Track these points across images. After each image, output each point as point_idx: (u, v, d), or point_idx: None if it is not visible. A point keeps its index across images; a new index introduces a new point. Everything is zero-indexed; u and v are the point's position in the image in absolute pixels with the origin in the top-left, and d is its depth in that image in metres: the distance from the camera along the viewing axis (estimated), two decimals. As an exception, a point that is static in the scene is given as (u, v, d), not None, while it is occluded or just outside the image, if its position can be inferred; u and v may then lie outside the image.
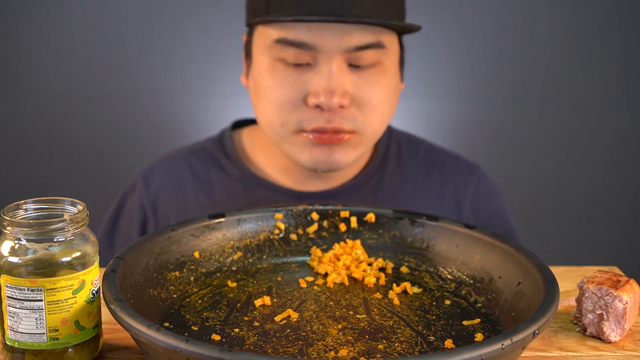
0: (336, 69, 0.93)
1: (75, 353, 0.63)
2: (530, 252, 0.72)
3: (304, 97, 0.95)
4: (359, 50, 0.93)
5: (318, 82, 0.94)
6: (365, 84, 0.95)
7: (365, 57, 0.94)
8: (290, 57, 0.94)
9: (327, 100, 0.93)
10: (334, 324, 0.69)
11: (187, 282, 0.76)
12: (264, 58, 0.97)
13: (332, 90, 0.93)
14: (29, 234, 0.61)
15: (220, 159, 1.09)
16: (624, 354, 0.68)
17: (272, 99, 0.96)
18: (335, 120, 0.94)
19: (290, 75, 0.95)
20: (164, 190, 1.08)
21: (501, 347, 0.54)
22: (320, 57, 0.94)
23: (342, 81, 0.94)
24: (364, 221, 0.85)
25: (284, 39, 0.93)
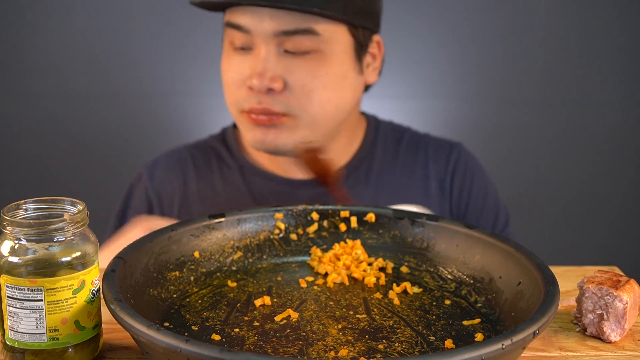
0: (266, 52, 0.99)
1: (75, 353, 0.63)
2: (531, 252, 0.72)
3: (244, 80, 1.02)
4: (289, 35, 0.99)
5: (251, 65, 1.00)
6: (299, 69, 1.00)
7: (297, 43, 0.99)
8: (237, 40, 1.01)
9: (257, 82, 0.99)
10: (334, 324, 0.69)
11: (187, 282, 0.76)
12: (224, 42, 1.06)
13: (262, 73, 0.99)
14: (29, 234, 0.61)
15: (220, 152, 1.15)
16: (624, 354, 0.68)
17: (225, 80, 1.05)
18: (265, 101, 1.00)
19: (236, 58, 1.03)
20: (167, 181, 1.14)
21: (501, 347, 0.54)
22: (255, 40, 1.00)
23: (273, 65, 0.99)
24: (364, 221, 0.85)
25: (229, 22, 1.02)
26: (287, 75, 1.00)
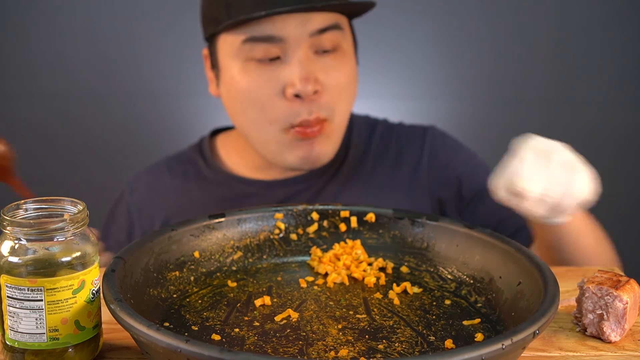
0: (304, 56, 0.98)
1: (75, 353, 0.63)
2: (531, 252, 0.72)
3: (282, 91, 0.98)
4: (321, 33, 0.98)
5: (291, 72, 0.98)
6: (330, 68, 1.00)
7: (327, 40, 0.99)
8: (260, 53, 0.98)
9: (303, 87, 0.97)
10: (334, 323, 0.69)
11: (187, 282, 0.76)
12: (233, 62, 1.00)
13: (306, 77, 0.97)
14: (29, 234, 0.61)
15: (197, 161, 1.15)
16: (624, 354, 0.68)
17: (253, 99, 1.00)
18: (315, 110, 0.99)
19: (263, 72, 0.99)
20: (147, 196, 1.14)
21: (501, 347, 0.54)
22: (288, 48, 0.97)
23: (312, 68, 0.98)
24: (364, 221, 0.85)
25: (252, 37, 0.97)
26: (323, 75, 0.99)
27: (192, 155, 1.16)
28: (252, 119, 1.01)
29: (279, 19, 0.96)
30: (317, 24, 0.98)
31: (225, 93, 1.04)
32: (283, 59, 0.98)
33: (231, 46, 1.00)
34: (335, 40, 1.00)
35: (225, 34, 1.01)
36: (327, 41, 0.99)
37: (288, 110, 0.99)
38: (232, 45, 1.00)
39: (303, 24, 0.97)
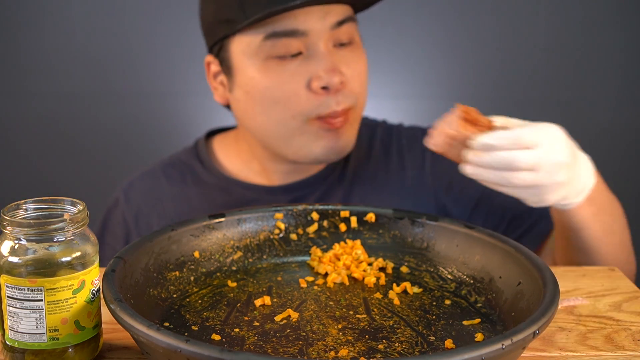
0: (327, 49, 0.98)
1: (75, 353, 0.63)
2: (531, 252, 0.72)
3: (307, 85, 0.98)
4: (340, 25, 0.99)
5: (316, 65, 0.97)
6: (350, 60, 1.01)
7: (344, 33, 1.00)
8: (282, 49, 0.97)
9: (330, 79, 0.97)
10: (334, 323, 0.69)
11: (187, 282, 0.76)
12: (251, 62, 0.99)
13: (332, 68, 0.97)
14: (29, 234, 0.61)
15: (194, 166, 1.13)
16: (624, 354, 0.68)
17: (277, 96, 0.99)
18: (341, 100, 0.99)
19: (286, 68, 0.98)
20: (144, 203, 1.12)
21: (501, 347, 0.54)
22: (310, 41, 0.98)
23: (336, 59, 0.99)
24: (364, 221, 0.85)
25: (274, 33, 0.97)
26: (344, 67, 1.00)
27: (188, 160, 1.14)
28: (274, 117, 1.00)
29: (300, 13, 0.96)
30: (336, 16, 0.98)
31: (243, 95, 1.02)
32: (306, 54, 0.98)
33: (249, 46, 0.99)
34: (350, 32, 1.01)
35: (240, 35, 0.99)
36: (344, 34, 1.00)
37: (315, 102, 0.98)
38: (249, 44, 0.98)
39: (323, 17, 0.97)
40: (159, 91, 1.90)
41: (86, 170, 1.94)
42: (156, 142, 1.90)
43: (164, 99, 1.91)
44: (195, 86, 1.90)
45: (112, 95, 1.90)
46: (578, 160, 0.86)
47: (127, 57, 1.88)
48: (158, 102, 1.91)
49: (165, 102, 1.91)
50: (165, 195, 1.11)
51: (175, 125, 1.92)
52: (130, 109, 1.92)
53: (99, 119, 1.92)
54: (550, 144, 0.80)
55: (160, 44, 1.88)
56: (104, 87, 1.90)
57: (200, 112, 1.91)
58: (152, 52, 1.88)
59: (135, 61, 1.89)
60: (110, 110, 1.92)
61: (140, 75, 1.90)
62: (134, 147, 1.92)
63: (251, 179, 1.11)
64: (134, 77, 1.90)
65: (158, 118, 1.92)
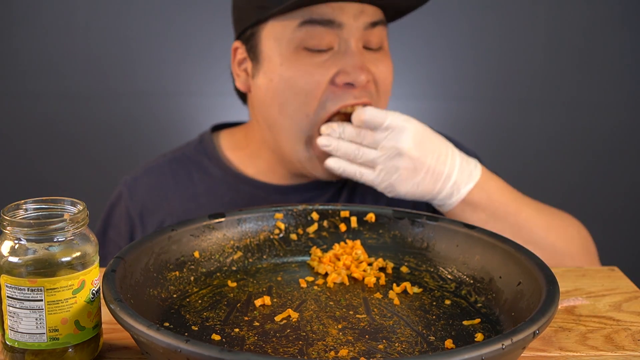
0: (357, 47, 0.99)
1: (75, 353, 0.63)
2: (531, 252, 0.72)
3: (330, 80, 0.98)
4: (373, 26, 0.99)
5: (346, 60, 0.98)
6: (379, 63, 1.01)
7: (375, 36, 1.00)
8: (315, 39, 0.97)
9: (357, 76, 0.97)
10: (334, 323, 0.69)
11: (187, 282, 0.76)
12: (282, 50, 0.99)
13: (361, 66, 0.97)
14: (29, 234, 0.61)
15: (201, 162, 1.11)
16: (624, 354, 0.68)
17: (298, 88, 0.98)
18: (358, 96, 0.99)
19: (314, 60, 0.98)
20: (149, 199, 1.10)
21: (501, 347, 0.54)
22: (342, 36, 0.98)
23: (365, 59, 0.99)
24: (364, 221, 0.85)
25: (311, 20, 0.97)
26: (373, 68, 1.00)
27: (195, 155, 1.12)
28: (290, 112, 0.99)
29: (337, 6, 0.97)
30: (370, 16, 0.99)
31: (265, 83, 1.01)
32: (336, 49, 0.98)
33: (282, 32, 0.98)
34: (381, 37, 1.01)
35: (274, 21, 0.99)
36: (375, 37, 1.00)
37: (334, 96, 0.98)
38: (283, 30, 0.98)
39: (358, 14, 0.98)
40: (159, 91, 1.90)
41: (86, 170, 1.94)
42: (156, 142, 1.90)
43: (164, 99, 1.91)
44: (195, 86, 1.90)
45: (112, 95, 1.90)
46: (444, 160, 0.95)
47: (127, 57, 1.88)
48: (158, 102, 1.91)
49: (165, 102, 1.91)
50: (172, 192, 1.10)
51: (175, 125, 1.92)
52: (130, 109, 1.92)
53: (99, 119, 1.92)
54: (399, 131, 0.93)
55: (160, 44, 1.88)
56: (104, 87, 1.90)
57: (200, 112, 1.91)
58: (152, 52, 1.88)
59: (135, 61, 1.89)
60: (111, 110, 1.92)
61: (140, 75, 1.90)
62: (134, 147, 1.92)
63: (260, 177, 1.10)
64: (134, 77, 1.90)
65: (158, 118, 1.92)
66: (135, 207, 1.09)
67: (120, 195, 1.11)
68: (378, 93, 1.01)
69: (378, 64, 1.01)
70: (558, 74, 1.93)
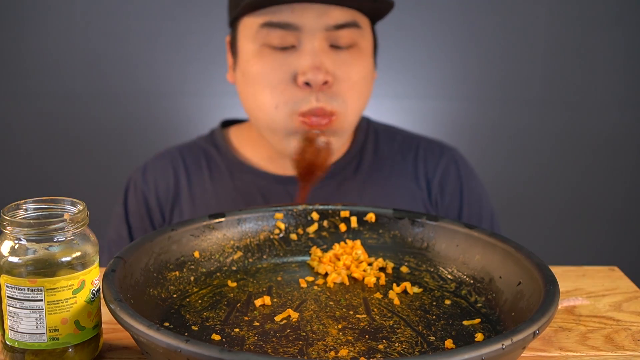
0: (318, 47, 0.99)
1: (75, 353, 0.63)
2: (530, 252, 0.72)
3: (293, 78, 1.00)
4: (338, 29, 1.00)
5: (304, 61, 0.99)
6: (343, 63, 1.01)
7: (343, 36, 1.00)
8: (276, 39, 1.00)
9: (313, 76, 0.98)
10: (334, 323, 0.69)
11: (187, 282, 0.76)
12: (250, 45, 1.02)
13: (318, 66, 0.98)
14: (29, 234, 0.61)
15: (210, 151, 1.16)
16: (624, 354, 0.68)
17: (264, 82, 1.02)
18: (322, 98, 1.00)
19: (277, 58, 1.00)
20: (162, 180, 1.15)
21: (501, 347, 0.54)
22: (303, 37, 0.99)
23: (325, 59, 0.99)
24: (364, 221, 0.85)
25: (270, 22, 0.99)
26: (336, 69, 1.01)
27: (204, 145, 1.17)
28: (261, 103, 1.03)
29: (297, 7, 0.98)
30: (334, 19, 0.99)
31: (240, 76, 1.06)
32: (297, 47, 1.00)
33: (250, 29, 1.02)
34: (351, 37, 1.01)
35: (245, 18, 1.03)
36: (343, 38, 1.01)
37: (297, 95, 1.00)
38: (250, 28, 1.02)
39: (320, 15, 0.99)
40: (159, 91, 1.90)
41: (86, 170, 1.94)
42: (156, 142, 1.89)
43: (164, 99, 1.91)
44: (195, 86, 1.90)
45: (112, 95, 1.90)
46: None
47: (127, 57, 1.88)
48: (158, 102, 1.91)
49: (165, 102, 1.91)
50: (181, 175, 1.14)
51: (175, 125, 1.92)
52: (130, 109, 1.92)
53: (99, 119, 1.92)
54: None
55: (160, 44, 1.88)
56: (104, 87, 1.90)
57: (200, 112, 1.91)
58: (152, 52, 1.88)
59: (135, 61, 1.89)
60: (110, 110, 1.92)
61: (140, 75, 1.90)
62: (134, 147, 1.92)
63: (263, 167, 1.13)
64: (134, 77, 1.90)
65: (158, 118, 1.92)
66: (150, 189, 1.14)
67: (135, 182, 1.16)
68: (344, 93, 1.02)
69: (342, 64, 1.01)
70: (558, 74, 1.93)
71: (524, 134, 1.97)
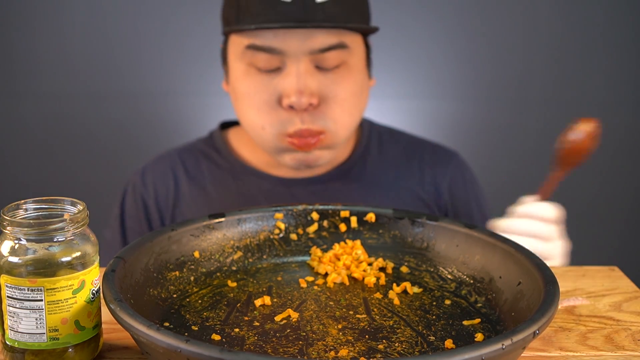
0: (303, 70, 0.98)
1: (75, 353, 0.63)
2: (531, 252, 0.72)
3: (278, 100, 1.00)
4: (323, 52, 0.99)
5: (288, 84, 0.99)
6: (331, 83, 1.01)
7: (329, 58, 0.99)
8: (261, 62, 0.99)
9: (297, 100, 0.98)
10: (334, 323, 0.69)
11: (187, 282, 0.76)
12: (238, 64, 1.02)
13: (301, 90, 0.98)
14: (29, 234, 0.61)
15: (210, 154, 1.16)
16: (624, 354, 0.68)
17: (250, 103, 1.02)
18: (308, 120, 1.00)
19: (262, 80, 1.00)
20: (161, 184, 1.14)
21: (501, 347, 0.54)
22: (287, 60, 0.99)
23: (309, 81, 0.99)
24: (364, 221, 0.85)
25: (254, 45, 0.99)
26: (322, 90, 1.00)
27: (204, 147, 1.17)
28: (250, 120, 1.04)
29: (281, 31, 0.98)
30: (318, 43, 0.98)
31: (231, 91, 1.07)
32: (282, 69, 1.00)
33: (237, 49, 1.02)
34: (338, 58, 1.00)
35: (234, 35, 1.02)
36: (330, 59, 0.99)
37: (282, 118, 1.01)
38: (237, 48, 1.02)
39: (304, 40, 0.98)
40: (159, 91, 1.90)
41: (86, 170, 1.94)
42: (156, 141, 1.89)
43: (164, 99, 1.91)
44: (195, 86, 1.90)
45: (112, 95, 1.90)
46: None
47: (127, 57, 1.88)
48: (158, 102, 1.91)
49: (165, 102, 1.91)
50: (181, 179, 1.14)
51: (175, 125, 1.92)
52: (130, 108, 1.92)
53: (99, 119, 1.92)
54: None
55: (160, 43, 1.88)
56: (104, 87, 1.90)
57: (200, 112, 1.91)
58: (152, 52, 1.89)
59: (134, 61, 1.89)
60: (110, 110, 1.92)
61: (140, 75, 1.90)
62: (134, 147, 1.92)
63: (265, 169, 1.13)
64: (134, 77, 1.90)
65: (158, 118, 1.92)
66: (149, 192, 1.14)
67: (133, 185, 1.15)
68: (332, 111, 1.01)
69: (329, 84, 1.00)
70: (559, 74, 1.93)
71: (524, 134, 1.97)
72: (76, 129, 1.92)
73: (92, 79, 1.89)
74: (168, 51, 1.89)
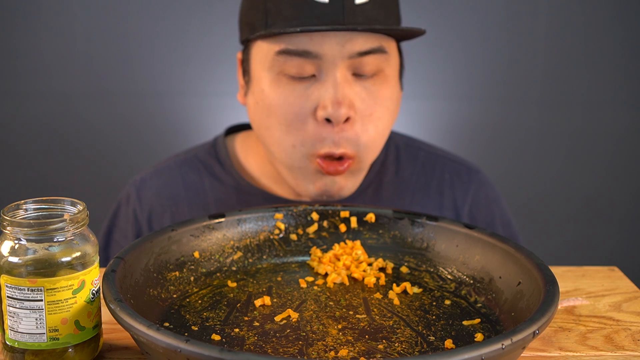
0: (341, 78, 0.91)
1: (75, 353, 0.63)
2: (530, 252, 0.72)
3: (312, 112, 0.92)
4: (362, 55, 0.91)
5: (324, 93, 0.91)
6: (368, 96, 0.93)
7: (368, 64, 0.92)
8: (294, 68, 0.91)
9: (334, 111, 0.90)
10: (334, 324, 0.69)
11: (187, 282, 0.76)
12: (265, 74, 0.93)
13: (340, 101, 0.90)
14: (29, 234, 0.61)
15: (213, 167, 1.07)
16: (624, 354, 0.68)
17: (280, 117, 0.93)
18: (343, 143, 0.92)
19: (295, 89, 0.92)
20: (157, 203, 1.07)
21: (501, 347, 0.54)
22: (324, 66, 0.91)
23: (348, 91, 0.91)
24: (364, 221, 0.85)
25: (287, 50, 0.90)
26: (359, 104, 0.92)
27: (207, 159, 1.08)
28: (277, 137, 0.94)
29: (317, 34, 0.89)
30: (358, 45, 0.90)
31: (253, 104, 0.96)
32: (317, 77, 0.91)
33: (265, 56, 0.93)
34: (377, 64, 0.92)
35: (260, 42, 0.94)
36: (368, 65, 0.91)
37: (315, 134, 0.92)
38: (266, 55, 0.93)
39: (342, 43, 0.89)
40: (159, 91, 1.90)
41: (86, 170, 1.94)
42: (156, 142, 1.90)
43: (164, 99, 1.91)
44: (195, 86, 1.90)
45: (111, 95, 1.90)
46: None
47: (126, 57, 1.88)
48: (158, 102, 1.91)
49: (165, 102, 1.91)
50: (180, 196, 1.06)
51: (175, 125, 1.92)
52: (130, 109, 1.92)
53: (99, 119, 1.92)
54: None
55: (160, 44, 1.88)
56: (103, 87, 1.90)
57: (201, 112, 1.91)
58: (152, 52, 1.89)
59: (134, 61, 1.89)
60: (110, 110, 1.92)
61: (140, 75, 1.90)
62: (134, 147, 1.92)
63: (269, 187, 1.06)
64: (134, 77, 1.90)
65: (158, 118, 1.92)
66: (143, 209, 1.07)
67: (127, 197, 1.09)
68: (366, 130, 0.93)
69: (366, 96, 0.92)
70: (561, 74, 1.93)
71: (524, 134, 1.97)
72: (76, 129, 1.92)
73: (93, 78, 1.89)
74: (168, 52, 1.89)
